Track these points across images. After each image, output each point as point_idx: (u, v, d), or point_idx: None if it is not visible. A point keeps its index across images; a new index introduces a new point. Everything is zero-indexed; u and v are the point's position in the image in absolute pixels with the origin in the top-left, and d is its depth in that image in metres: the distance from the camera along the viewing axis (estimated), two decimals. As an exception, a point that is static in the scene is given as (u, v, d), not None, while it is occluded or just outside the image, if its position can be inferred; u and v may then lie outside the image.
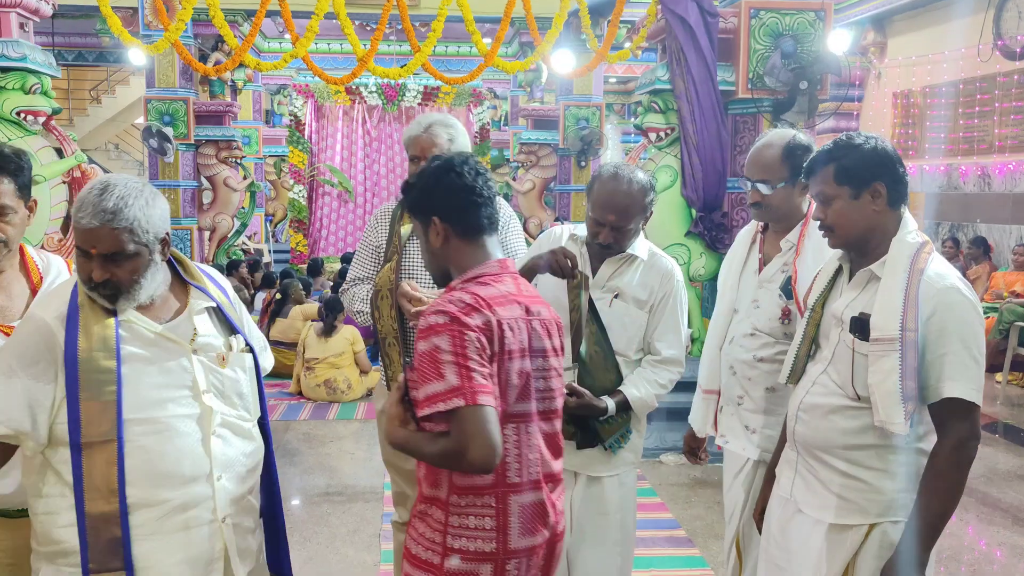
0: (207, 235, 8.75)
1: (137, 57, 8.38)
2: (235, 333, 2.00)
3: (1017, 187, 8.81)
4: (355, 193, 13.37)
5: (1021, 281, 7.89)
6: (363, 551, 3.96)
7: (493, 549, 1.79)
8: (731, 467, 2.64)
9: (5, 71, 4.75)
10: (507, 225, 2.93)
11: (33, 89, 4.81)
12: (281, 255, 13.56)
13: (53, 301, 1.86)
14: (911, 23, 10.34)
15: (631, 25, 8.84)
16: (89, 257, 1.79)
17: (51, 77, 4.99)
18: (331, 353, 6.66)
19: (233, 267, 9.10)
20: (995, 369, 6.97)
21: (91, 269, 1.79)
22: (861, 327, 1.95)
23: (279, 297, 7.67)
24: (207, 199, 8.79)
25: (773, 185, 2.50)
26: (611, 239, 2.48)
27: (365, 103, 13.09)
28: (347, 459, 5.23)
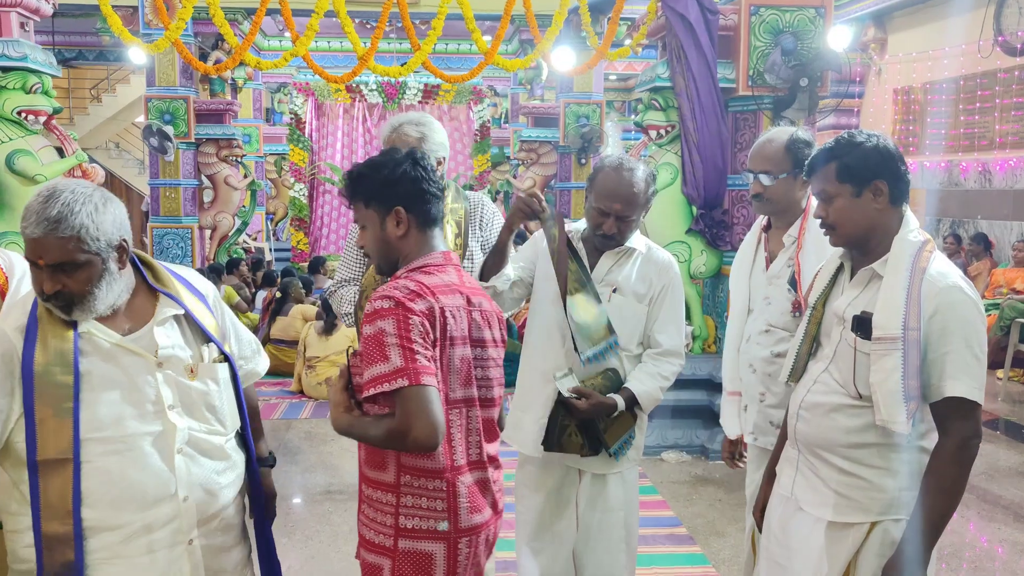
0: (208, 234, 8.80)
1: (137, 56, 8.37)
2: (208, 342, 1.91)
3: (1018, 183, 8.79)
4: (355, 191, 13.37)
5: (1021, 278, 7.88)
6: (365, 549, 3.96)
7: (446, 529, 1.84)
8: (755, 461, 2.67)
9: (6, 71, 4.76)
10: (491, 222, 2.98)
11: (34, 88, 4.81)
12: (282, 253, 13.55)
13: (14, 311, 1.79)
14: (911, 19, 10.33)
15: (631, 22, 8.82)
16: (40, 268, 1.70)
17: (52, 76, 4.99)
18: (332, 351, 6.67)
19: (234, 265, 9.10)
20: (996, 366, 6.96)
21: (43, 280, 1.70)
22: (863, 326, 1.94)
23: (279, 295, 7.68)
24: (208, 198, 8.82)
25: (775, 176, 2.55)
26: (615, 229, 2.50)
27: (365, 101, 13.09)
28: (348, 457, 5.23)
